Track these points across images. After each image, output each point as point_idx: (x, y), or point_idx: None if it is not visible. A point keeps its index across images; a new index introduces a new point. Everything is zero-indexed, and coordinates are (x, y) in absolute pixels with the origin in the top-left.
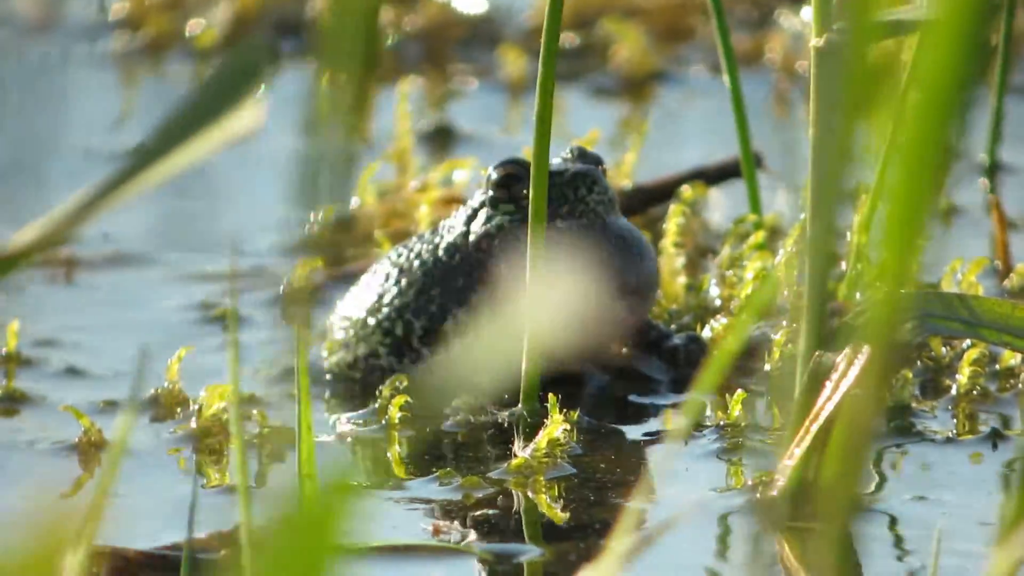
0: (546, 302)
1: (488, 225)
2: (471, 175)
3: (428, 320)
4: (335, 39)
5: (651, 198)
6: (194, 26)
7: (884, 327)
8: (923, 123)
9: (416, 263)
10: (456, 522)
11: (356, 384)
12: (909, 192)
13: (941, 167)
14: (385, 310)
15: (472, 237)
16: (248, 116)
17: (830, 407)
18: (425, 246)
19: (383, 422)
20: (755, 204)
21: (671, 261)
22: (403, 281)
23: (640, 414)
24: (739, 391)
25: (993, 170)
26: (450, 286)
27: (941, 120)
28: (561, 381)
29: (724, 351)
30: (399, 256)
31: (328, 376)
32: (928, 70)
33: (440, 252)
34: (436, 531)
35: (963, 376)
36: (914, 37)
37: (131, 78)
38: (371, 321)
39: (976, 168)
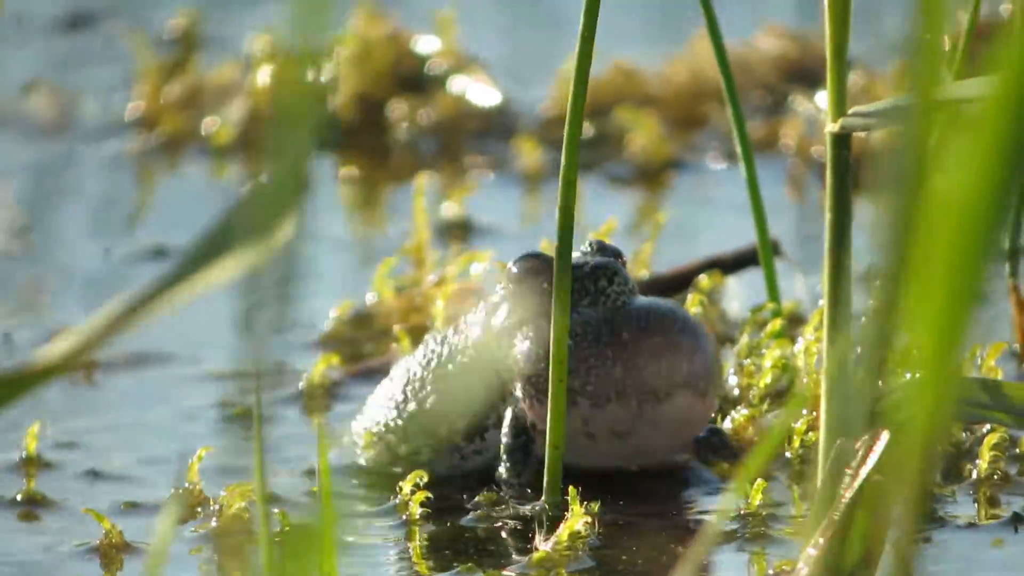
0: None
1: (508, 320)
2: (489, 268)
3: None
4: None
5: (668, 288)
6: (210, 124)
7: (932, 418)
8: (969, 222)
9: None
10: None
11: (373, 479)
12: (954, 287)
13: (986, 263)
14: (411, 404)
15: (494, 332)
16: (288, 226)
17: (851, 494)
18: (452, 340)
19: (404, 517)
20: (773, 292)
21: None
22: (428, 376)
23: (661, 506)
24: (759, 480)
25: (1014, 254)
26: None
27: (987, 219)
28: (588, 474)
29: (767, 445)
30: (425, 350)
31: (345, 471)
32: (974, 166)
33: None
34: None
35: (983, 460)
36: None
37: (148, 177)
38: (398, 414)
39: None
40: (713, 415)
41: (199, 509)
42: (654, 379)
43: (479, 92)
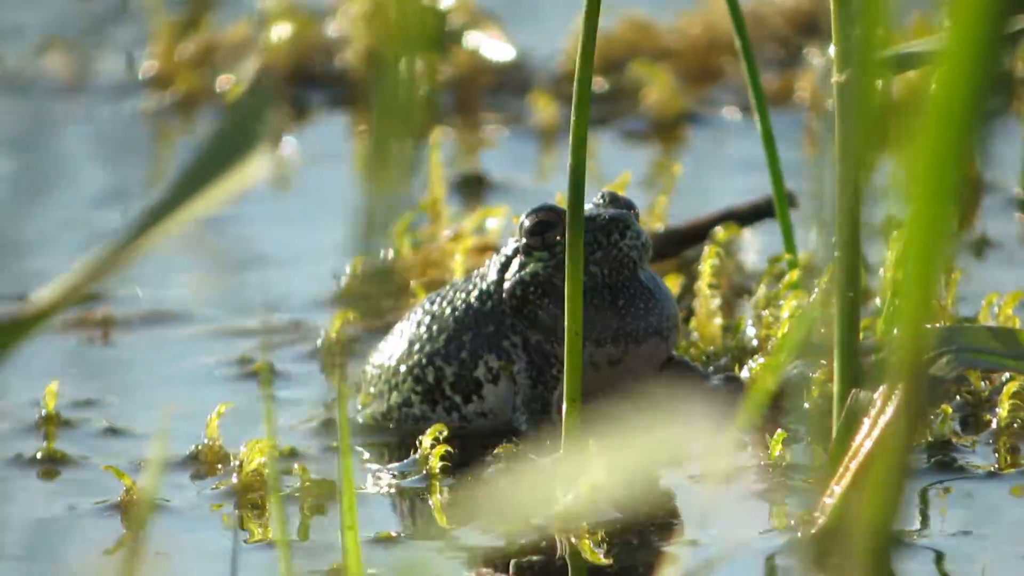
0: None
1: (522, 272)
2: (504, 223)
3: (459, 367)
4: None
5: (684, 240)
6: (224, 82)
7: (911, 361)
8: (936, 153)
9: (448, 310)
10: (500, 569)
11: (391, 435)
12: (925, 223)
13: (957, 197)
14: (416, 357)
15: (506, 284)
16: (254, 167)
17: (869, 444)
18: (458, 294)
19: (424, 472)
20: (789, 243)
21: (706, 303)
22: (434, 328)
23: (681, 456)
24: (779, 431)
25: None
26: (482, 332)
27: (954, 149)
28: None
29: (759, 392)
30: (431, 304)
31: (363, 428)
32: (940, 99)
33: (472, 299)
34: None
35: (1003, 410)
36: (929, 70)
37: (164, 135)
38: (403, 369)
39: (1011, 202)
40: (725, 363)
41: (219, 466)
42: (635, 328)
43: (494, 47)
